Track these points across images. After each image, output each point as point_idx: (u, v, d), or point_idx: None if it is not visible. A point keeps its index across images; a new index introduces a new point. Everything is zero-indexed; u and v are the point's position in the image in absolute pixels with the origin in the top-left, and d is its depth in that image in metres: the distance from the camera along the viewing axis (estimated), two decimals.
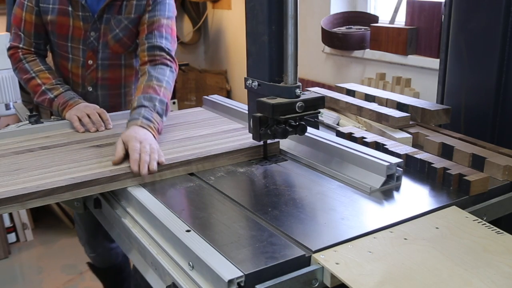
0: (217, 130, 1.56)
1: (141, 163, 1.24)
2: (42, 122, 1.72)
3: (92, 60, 1.78)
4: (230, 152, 1.35)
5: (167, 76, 1.64)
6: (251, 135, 1.32)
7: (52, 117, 1.85)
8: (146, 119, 1.45)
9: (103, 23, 1.73)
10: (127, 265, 2.32)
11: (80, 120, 1.63)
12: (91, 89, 1.83)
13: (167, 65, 1.67)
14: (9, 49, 1.81)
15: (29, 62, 1.77)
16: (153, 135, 1.41)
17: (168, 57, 1.69)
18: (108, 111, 1.73)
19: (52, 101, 1.72)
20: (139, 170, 1.23)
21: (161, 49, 1.69)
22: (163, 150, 1.36)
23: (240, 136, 1.48)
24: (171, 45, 1.73)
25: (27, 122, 1.73)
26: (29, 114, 1.74)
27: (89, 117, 1.63)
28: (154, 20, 1.71)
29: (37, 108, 2.10)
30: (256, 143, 1.36)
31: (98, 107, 1.69)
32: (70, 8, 1.71)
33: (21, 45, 1.78)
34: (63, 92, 1.73)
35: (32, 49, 1.79)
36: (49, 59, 1.91)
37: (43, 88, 1.73)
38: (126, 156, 1.31)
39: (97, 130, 1.62)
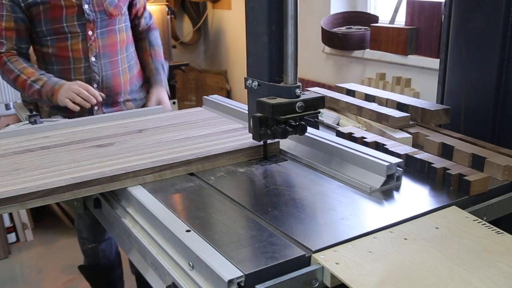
0: (217, 130, 1.56)
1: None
2: (42, 122, 1.72)
3: (92, 30, 1.91)
4: (230, 152, 1.34)
5: (158, 38, 2.23)
6: (251, 135, 1.32)
7: (52, 117, 1.86)
8: (165, 82, 2.14)
9: None
10: (120, 266, 2.33)
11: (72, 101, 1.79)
12: (94, 60, 1.94)
13: (155, 28, 2.24)
14: None
15: (13, 62, 1.89)
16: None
17: (153, 24, 2.24)
18: (109, 81, 1.99)
19: (40, 91, 1.85)
20: None
21: (151, 23, 2.22)
22: (163, 150, 1.37)
23: (240, 136, 1.48)
24: (151, 15, 2.23)
25: (27, 122, 1.73)
26: (29, 114, 1.74)
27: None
28: (143, 4, 2.14)
29: (37, 108, 2.11)
30: (256, 143, 1.36)
31: (82, 83, 1.84)
32: None
33: (3, 50, 1.89)
34: (47, 81, 1.85)
35: (15, 52, 1.92)
36: (34, 59, 2.02)
37: (28, 82, 1.86)
38: (126, 156, 1.33)
39: (91, 107, 1.81)
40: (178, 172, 1.28)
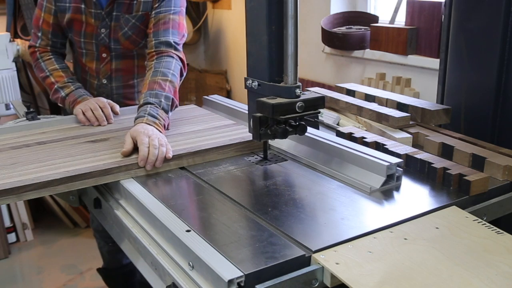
0: (209, 126, 1.59)
1: (149, 158, 1.28)
2: (39, 119, 1.75)
3: (106, 53, 1.84)
4: (219, 147, 1.38)
5: (173, 69, 1.64)
6: (240, 130, 1.33)
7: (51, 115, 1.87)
8: (152, 116, 1.47)
9: (113, 21, 1.77)
10: (137, 270, 2.30)
11: (84, 113, 1.69)
12: (105, 82, 1.89)
13: (172, 57, 1.68)
14: (29, 47, 1.89)
15: (45, 61, 1.84)
16: (159, 131, 1.43)
17: (173, 51, 1.70)
18: (121, 102, 1.85)
19: (64, 99, 1.78)
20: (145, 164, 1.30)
21: (168, 44, 1.70)
22: None
23: (230, 132, 1.51)
24: (179, 39, 1.74)
25: (25, 118, 1.75)
26: (26, 111, 1.77)
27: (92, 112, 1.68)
28: (160, 17, 1.72)
29: (37, 108, 2.12)
30: (244, 138, 1.40)
31: (103, 100, 1.73)
32: (83, 6, 1.76)
33: (37, 44, 1.85)
34: (73, 91, 1.79)
35: (49, 48, 1.86)
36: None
37: (55, 86, 1.79)
38: (119, 151, 1.34)
39: (99, 125, 1.67)
40: (169, 166, 1.31)
